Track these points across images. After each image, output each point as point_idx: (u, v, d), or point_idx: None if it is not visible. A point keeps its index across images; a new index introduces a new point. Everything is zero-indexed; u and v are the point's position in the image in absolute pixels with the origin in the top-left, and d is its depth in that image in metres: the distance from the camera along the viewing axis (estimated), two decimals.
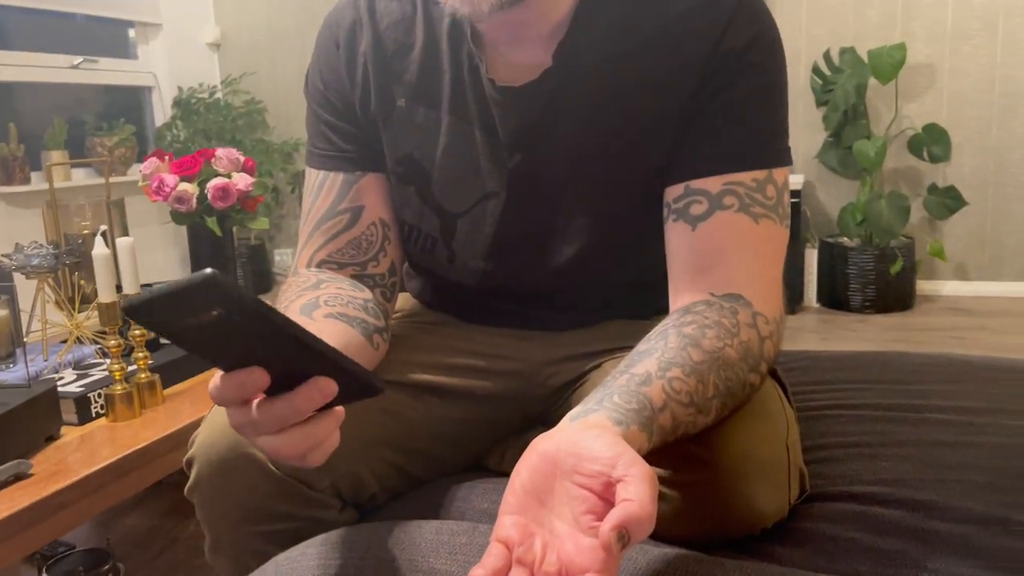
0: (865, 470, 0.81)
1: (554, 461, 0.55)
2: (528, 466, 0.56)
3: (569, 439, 0.56)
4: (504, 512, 0.56)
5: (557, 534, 0.54)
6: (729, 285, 0.75)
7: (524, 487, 0.56)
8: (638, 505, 0.49)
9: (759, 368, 0.72)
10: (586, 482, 0.53)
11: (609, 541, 0.49)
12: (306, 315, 0.76)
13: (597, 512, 0.53)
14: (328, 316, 0.76)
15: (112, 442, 1.11)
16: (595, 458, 0.53)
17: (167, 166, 1.43)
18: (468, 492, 0.87)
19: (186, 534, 1.59)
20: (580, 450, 0.54)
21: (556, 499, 0.55)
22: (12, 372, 1.25)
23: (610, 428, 0.58)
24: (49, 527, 0.96)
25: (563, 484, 0.55)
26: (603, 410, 0.60)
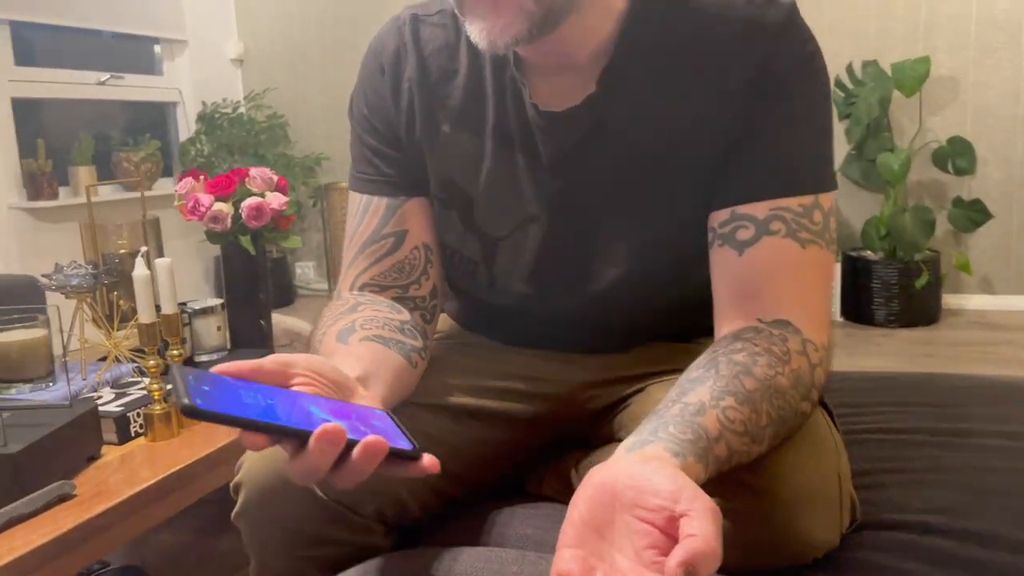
0: (913, 497, 0.80)
1: (613, 493, 0.55)
2: (586, 498, 0.56)
3: (628, 471, 0.56)
4: (563, 545, 0.56)
5: (619, 569, 0.54)
6: (777, 311, 0.75)
7: (583, 519, 0.56)
8: (703, 540, 0.49)
9: (810, 396, 0.72)
10: (648, 516, 0.53)
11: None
12: (342, 342, 0.77)
13: (660, 547, 0.53)
14: (364, 339, 0.77)
15: (152, 463, 1.12)
16: (656, 492, 0.53)
17: (202, 186, 1.45)
18: (509, 517, 0.87)
19: (218, 551, 1.59)
20: (640, 483, 0.54)
21: (616, 532, 0.55)
22: (51, 391, 1.26)
23: (668, 460, 0.58)
24: (93, 548, 0.97)
25: (623, 517, 0.55)
26: (659, 441, 0.60)
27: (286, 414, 0.55)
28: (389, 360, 0.75)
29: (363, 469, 0.56)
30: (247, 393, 0.55)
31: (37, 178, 3.44)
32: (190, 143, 4.32)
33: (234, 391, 0.54)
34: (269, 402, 0.55)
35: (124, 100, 4.12)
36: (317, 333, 0.82)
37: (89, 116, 4.01)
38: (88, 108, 4.00)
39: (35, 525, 0.94)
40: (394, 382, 0.75)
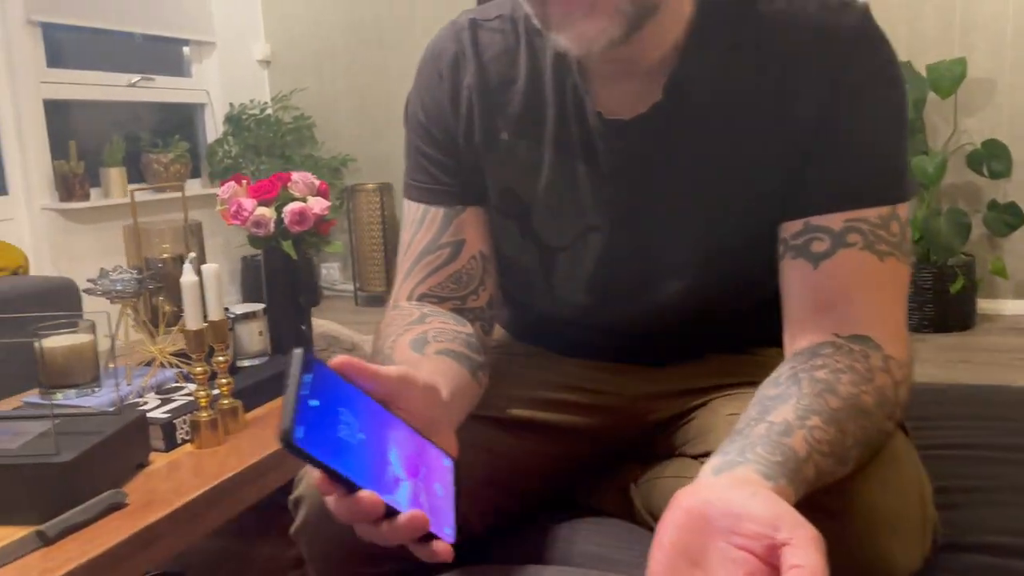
0: (993, 517, 0.78)
1: (705, 518, 0.53)
2: (675, 524, 0.54)
3: (721, 497, 0.54)
4: (654, 572, 0.54)
5: None
6: (855, 326, 0.73)
7: (673, 546, 0.54)
8: (810, 572, 0.47)
9: (894, 415, 0.70)
10: (747, 544, 0.51)
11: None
12: (417, 351, 0.75)
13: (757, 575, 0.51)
14: (438, 352, 0.75)
15: (200, 471, 1.11)
16: (754, 518, 0.51)
17: (245, 190, 1.44)
18: (570, 532, 0.85)
19: (258, 557, 1.59)
20: (737, 509, 0.52)
21: (710, 560, 0.53)
22: (97, 397, 1.26)
23: (761, 483, 0.56)
24: (146, 558, 0.96)
25: (718, 544, 0.53)
26: (748, 463, 0.58)
27: (368, 463, 0.54)
28: (459, 377, 0.74)
29: (391, 539, 0.56)
30: (346, 417, 0.54)
31: (69, 179, 3.47)
32: (218, 144, 4.33)
33: (335, 411, 0.53)
34: (360, 437, 0.54)
35: (153, 102, 4.14)
36: (384, 343, 0.80)
37: (118, 117, 4.04)
38: (117, 110, 4.02)
39: (89, 535, 0.93)
40: (462, 400, 0.73)
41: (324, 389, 0.54)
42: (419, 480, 0.58)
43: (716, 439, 0.82)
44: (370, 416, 0.57)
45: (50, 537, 0.91)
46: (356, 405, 0.56)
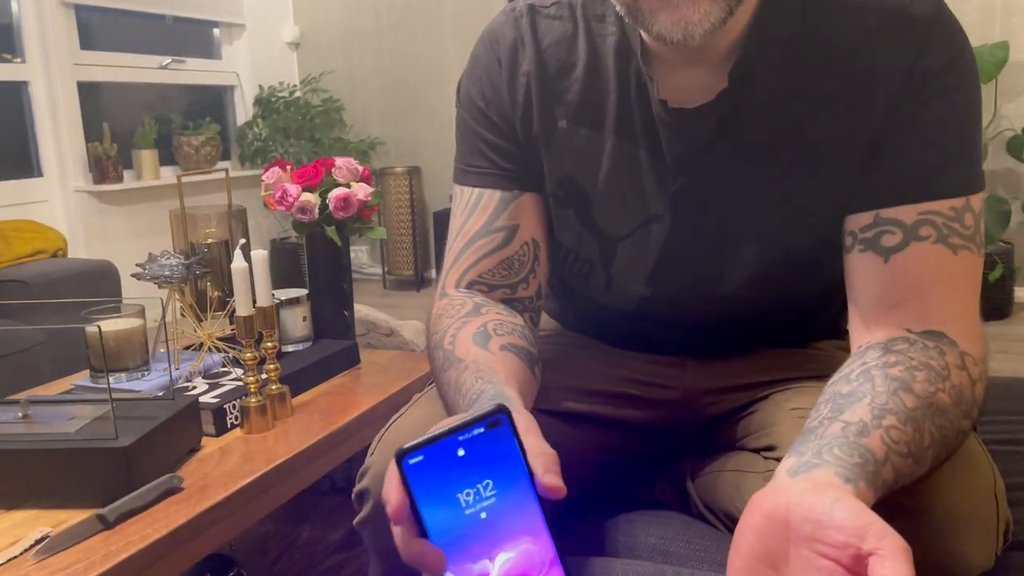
0: None
1: (786, 524, 0.52)
2: (754, 528, 0.54)
3: (802, 503, 0.52)
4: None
5: None
6: (928, 322, 0.71)
7: (753, 552, 0.53)
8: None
9: (972, 414, 0.68)
10: (832, 553, 0.50)
11: None
12: (481, 346, 0.74)
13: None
14: (503, 348, 0.75)
15: (251, 456, 1.12)
16: (840, 527, 0.50)
17: (289, 176, 1.44)
18: (628, 525, 0.85)
19: (302, 540, 1.60)
20: (820, 516, 0.51)
21: (792, 567, 0.52)
22: (147, 381, 1.27)
23: (842, 488, 0.55)
24: (202, 542, 0.97)
25: (801, 552, 0.52)
26: (826, 465, 0.57)
27: (462, 537, 0.49)
28: (524, 375, 0.73)
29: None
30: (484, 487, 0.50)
31: (102, 162, 3.49)
32: (247, 127, 4.34)
33: (476, 474, 0.50)
34: (479, 513, 0.50)
35: (183, 84, 4.15)
36: (441, 338, 0.79)
37: (149, 100, 4.06)
38: (148, 92, 4.04)
39: (147, 519, 0.94)
40: (528, 400, 0.71)
41: (485, 451, 0.50)
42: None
43: (779, 433, 0.81)
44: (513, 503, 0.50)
45: (110, 521, 0.92)
46: (508, 483, 0.50)
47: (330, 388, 1.40)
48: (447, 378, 0.74)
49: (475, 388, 0.67)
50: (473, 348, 0.74)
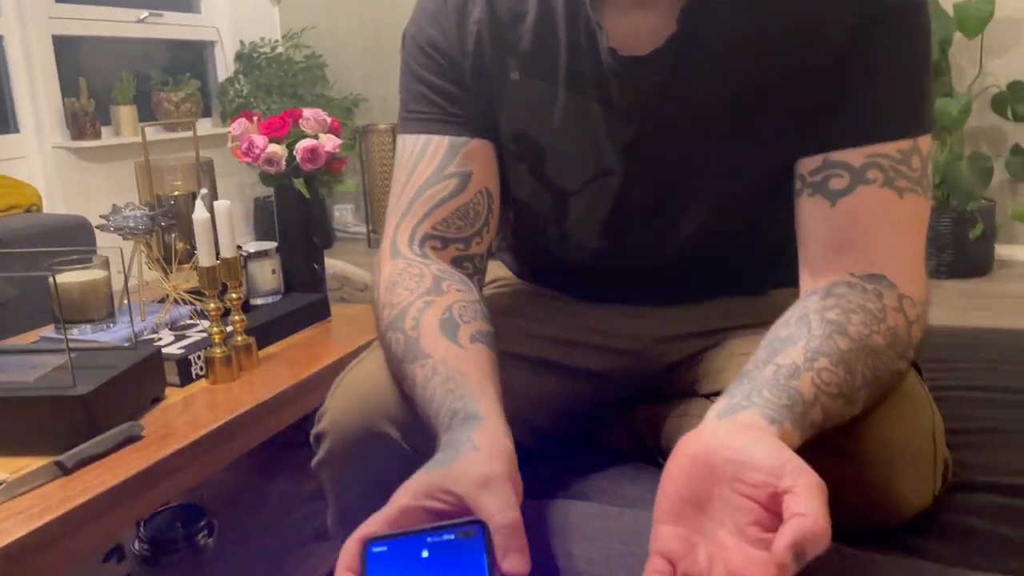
0: (1008, 459, 0.78)
1: (710, 466, 0.53)
2: (681, 470, 0.54)
3: (724, 443, 0.53)
4: (660, 521, 0.54)
5: (722, 545, 0.52)
6: (872, 265, 0.72)
7: (679, 494, 0.54)
8: (812, 520, 0.47)
9: (907, 355, 0.69)
10: (750, 492, 0.51)
11: (785, 560, 0.46)
12: (450, 339, 0.70)
13: (763, 523, 0.50)
14: (473, 339, 0.71)
15: (215, 405, 1.12)
16: (759, 466, 0.50)
17: (256, 127, 1.42)
18: (583, 470, 0.86)
19: (275, 492, 1.62)
20: (740, 457, 0.52)
21: (716, 507, 0.53)
22: (112, 332, 1.26)
23: (766, 428, 0.55)
24: (163, 489, 0.97)
25: (723, 492, 0.52)
26: (754, 407, 0.57)
27: None
28: (494, 365, 0.70)
29: None
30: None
31: (80, 118, 3.45)
32: (228, 83, 4.29)
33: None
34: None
35: (162, 39, 4.09)
36: (402, 318, 0.74)
37: (127, 55, 3.99)
38: (126, 47, 3.97)
39: (106, 466, 0.95)
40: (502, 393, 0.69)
41: (450, 558, 0.48)
42: None
43: (726, 379, 0.81)
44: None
45: (68, 467, 0.92)
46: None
47: (299, 340, 1.40)
48: (411, 372, 0.70)
49: (446, 406, 0.64)
50: (442, 342, 0.70)
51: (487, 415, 0.62)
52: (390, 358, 0.75)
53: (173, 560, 1.41)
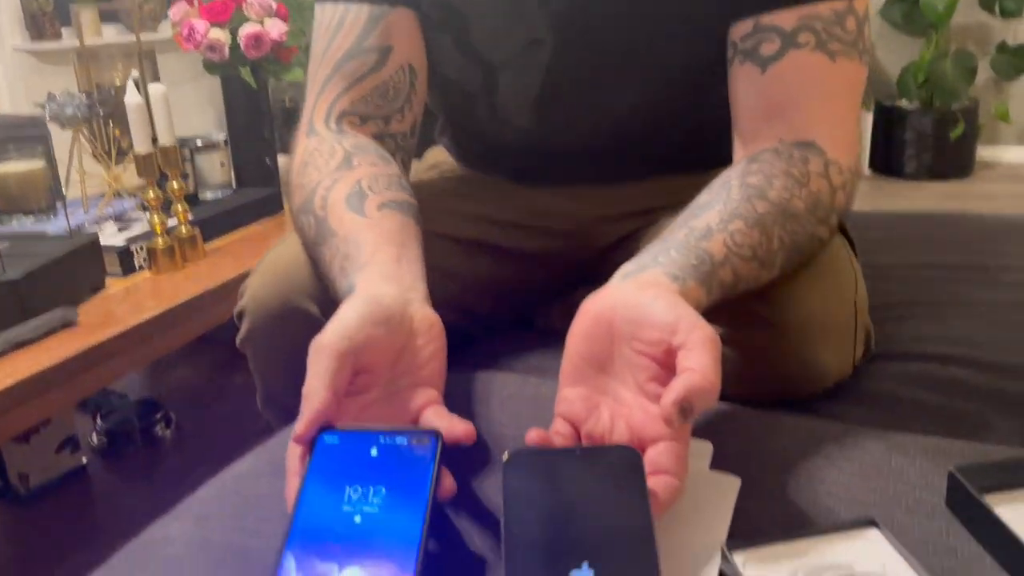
0: (934, 330, 0.77)
1: (610, 325, 0.51)
2: (582, 332, 0.53)
3: (624, 302, 0.52)
4: (564, 384, 0.53)
5: (623, 402, 0.51)
6: (801, 132, 0.69)
7: (581, 356, 0.53)
8: (700, 375, 0.46)
9: (829, 220, 0.67)
10: (646, 349, 0.50)
11: (670, 415, 0.46)
12: (356, 211, 0.67)
13: (661, 380, 0.49)
14: (381, 207, 0.67)
15: (157, 294, 1.11)
16: (654, 324, 0.49)
17: (196, 11, 1.36)
18: (517, 348, 0.85)
19: (234, 388, 1.62)
20: (636, 316, 0.50)
21: (617, 366, 0.52)
22: (53, 224, 1.24)
23: (666, 286, 0.53)
24: (98, 375, 0.97)
25: (623, 351, 0.51)
26: (658, 266, 0.56)
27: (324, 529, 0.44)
28: (411, 231, 0.66)
29: None
30: (377, 498, 0.46)
31: (39, 18, 3.32)
32: None
33: (374, 484, 0.46)
34: (354, 516, 0.45)
35: None
36: (311, 198, 0.71)
37: None
38: None
39: (38, 351, 0.94)
40: (422, 255, 0.66)
41: (396, 461, 0.47)
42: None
43: None
44: (395, 524, 0.44)
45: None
46: (400, 502, 0.45)
47: (247, 234, 1.38)
48: (322, 255, 0.67)
49: (343, 288, 0.61)
50: (347, 216, 0.66)
51: (359, 284, 0.59)
52: (305, 242, 0.73)
53: (130, 452, 1.43)
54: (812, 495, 0.52)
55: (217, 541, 0.50)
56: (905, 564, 0.44)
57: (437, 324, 0.57)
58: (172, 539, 0.52)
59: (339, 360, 0.50)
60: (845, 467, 0.54)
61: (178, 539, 0.52)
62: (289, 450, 0.50)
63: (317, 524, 0.44)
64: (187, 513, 0.55)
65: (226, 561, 0.48)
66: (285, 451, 0.61)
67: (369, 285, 0.58)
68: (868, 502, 0.51)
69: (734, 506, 0.51)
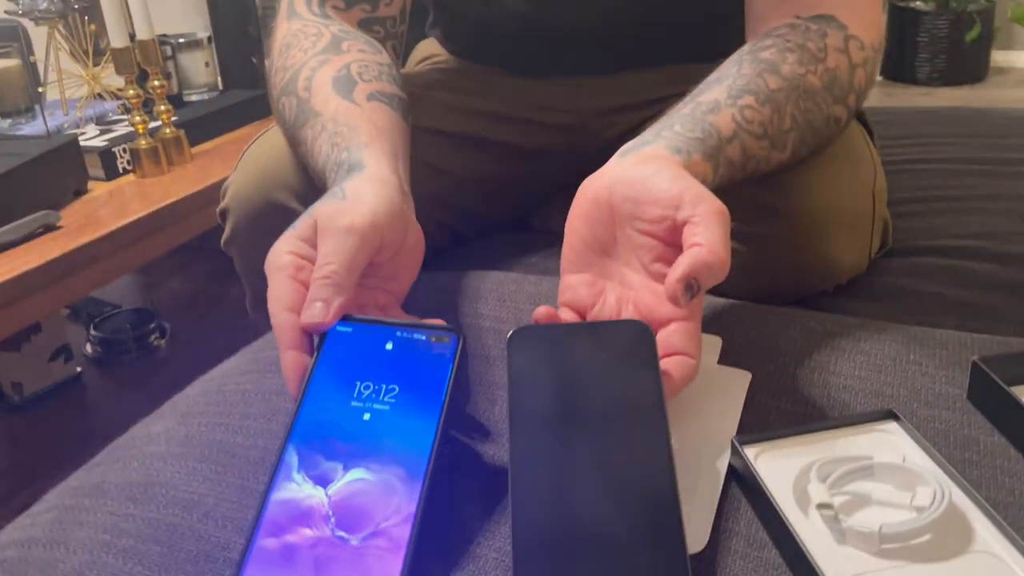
0: (952, 224, 0.73)
1: (609, 207, 0.48)
2: (582, 216, 0.49)
3: (623, 179, 0.48)
4: (566, 271, 0.50)
5: (629, 285, 0.48)
6: (819, 5, 0.64)
7: (582, 240, 0.49)
8: (708, 250, 0.42)
9: (847, 100, 0.62)
10: (650, 228, 0.46)
11: (675, 293, 0.42)
12: (344, 96, 0.62)
13: (667, 259, 0.46)
14: (371, 97, 0.62)
15: (142, 197, 1.07)
16: (656, 200, 0.45)
17: None
18: (515, 248, 0.82)
19: (229, 297, 1.60)
20: (637, 192, 0.46)
21: (619, 248, 0.48)
22: (32, 126, 1.19)
23: (668, 158, 0.49)
24: (83, 280, 0.94)
25: (625, 232, 0.48)
26: (660, 140, 0.51)
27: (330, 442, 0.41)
28: (400, 130, 0.61)
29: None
30: (388, 393, 0.42)
31: None
32: None
33: (388, 381, 0.43)
34: (363, 413, 0.41)
35: None
36: (294, 80, 0.65)
37: None
38: None
39: (20, 253, 0.91)
40: (407, 156, 0.61)
41: (412, 359, 0.43)
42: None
43: None
44: (405, 426, 0.41)
45: None
46: (414, 402, 0.42)
47: (235, 137, 1.33)
48: (302, 137, 0.63)
49: (332, 159, 0.57)
50: (333, 98, 0.61)
51: (369, 164, 0.54)
52: (284, 126, 0.68)
53: (124, 361, 1.41)
54: (827, 389, 0.49)
55: (200, 438, 0.48)
56: (925, 455, 0.42)
57: (422, 235, 0.53)
58: (155, 436, 0.50)
59: (364, 242, 0.46)
60: (861, 361, 0.51)
61: (161, 436, 0.49)
62: (282, 322, 0.45)
63: (323, 419, 0.41)
64: (171, 411, 0.53)
65: (210, 457, 0.46)
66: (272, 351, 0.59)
67: (380, 168, 0.53)
68: (886, 395, 0.48)
69: (744, 400, 0.48)
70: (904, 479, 0.40)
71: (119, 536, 0.41)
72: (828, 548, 0.37)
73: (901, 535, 0.36)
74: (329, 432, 0.40)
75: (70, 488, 0.46)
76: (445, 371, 0.43)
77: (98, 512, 0.43)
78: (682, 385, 0.43)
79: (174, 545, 0.40)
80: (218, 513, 0.42)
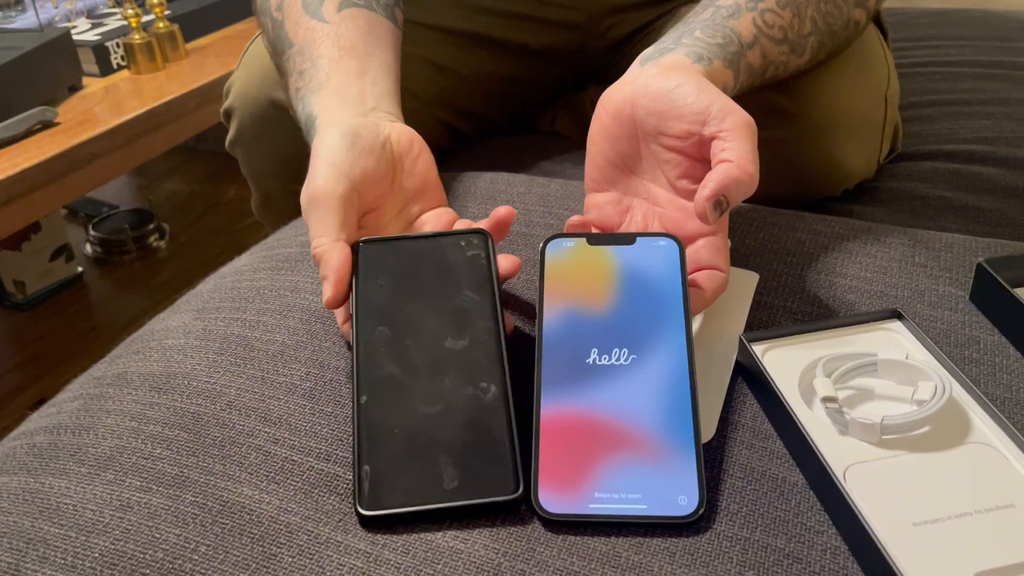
0: (962, 128, 0.73)
1: (632, 121, 0.47)
2: (604, 132, 0.48)
3: (645, 92, 0.46)
4: (591, 189, 0.49)
5: (656, 202, 0.48)
6: None
7: (605, 158, 0.48)
8: (737, 166, 0.42)
9: (866, 2, 0.61)
10: (676, 144, 0.46)
11: (704, 212, 0.42)
12: (314, 16, 0.58)
13: (694, 175, 0.46)
14: (343, 7, 0.59)
15: (138, 94, 1.05)
16: (681, 115, 0.44)
17: None
18: (521, 150, 0.81)
19: (227, 199, 1.59)
20: (661, 106, 0.45)
21: (645, 164, 0.48)
22: (22, 19, 1.15)
23: (691, 69, 0.48)
24: (82, 178, 0.93)
25: (650, 148, 0.47)
26: (681, 47, 0.50)
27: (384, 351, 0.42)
28: (380, 33, 0.58)
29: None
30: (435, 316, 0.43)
31: None
32: None
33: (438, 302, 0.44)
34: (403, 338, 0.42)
35: None
36: (268, 3, 0.62)
37: None
38: None
39: (19, 150, 0.89)
40: (395, 60, 0.59)
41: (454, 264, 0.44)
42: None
43: None
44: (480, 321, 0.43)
45: None
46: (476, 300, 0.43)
47: (231, 33, 1.29)
48: (282, 71, 0.60)
49: (299, 114, 0.55)
50: (303, 20, 0.58)
51: (320, 111, 0.52)
52: (267, 48, 0.65)
53: (124, 261, 1.42)
54: (833, 290, 0.50)
55: (218, 332, 0.49)
56: (927, 353, 0.43)
57: (417, 138, 0.52)
58: (172, 330, 0.50)
59: (342, 204, 0.45)
60: (867, 262, 0.52)
61: (179, 330, 0.50)
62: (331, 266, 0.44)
63: (382, 338, 0.42)
64: (186, 307, 0.53)
65: (228, 350, 0.47)
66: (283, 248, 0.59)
67: (330, 111, 0.52)
68: (890, 296, 0.49)
69: (752, 300, 0.49)
70: (906, 375, 0.41)
71: (146, 423, 0.42)
72: (831, 438, 0.38)
73: (902, 426, 0.38)
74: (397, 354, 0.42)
75: (92, 378, 0.47)
76: (487, 267, 0.45)
77: (123, 400, 0.44)
78: (713, 297, 0.44)
79: (200, 432, 0.41)
80: (240, 403, 0.43)
